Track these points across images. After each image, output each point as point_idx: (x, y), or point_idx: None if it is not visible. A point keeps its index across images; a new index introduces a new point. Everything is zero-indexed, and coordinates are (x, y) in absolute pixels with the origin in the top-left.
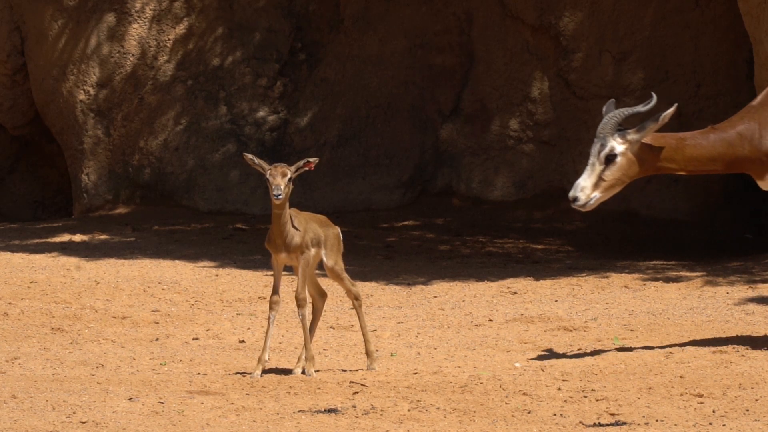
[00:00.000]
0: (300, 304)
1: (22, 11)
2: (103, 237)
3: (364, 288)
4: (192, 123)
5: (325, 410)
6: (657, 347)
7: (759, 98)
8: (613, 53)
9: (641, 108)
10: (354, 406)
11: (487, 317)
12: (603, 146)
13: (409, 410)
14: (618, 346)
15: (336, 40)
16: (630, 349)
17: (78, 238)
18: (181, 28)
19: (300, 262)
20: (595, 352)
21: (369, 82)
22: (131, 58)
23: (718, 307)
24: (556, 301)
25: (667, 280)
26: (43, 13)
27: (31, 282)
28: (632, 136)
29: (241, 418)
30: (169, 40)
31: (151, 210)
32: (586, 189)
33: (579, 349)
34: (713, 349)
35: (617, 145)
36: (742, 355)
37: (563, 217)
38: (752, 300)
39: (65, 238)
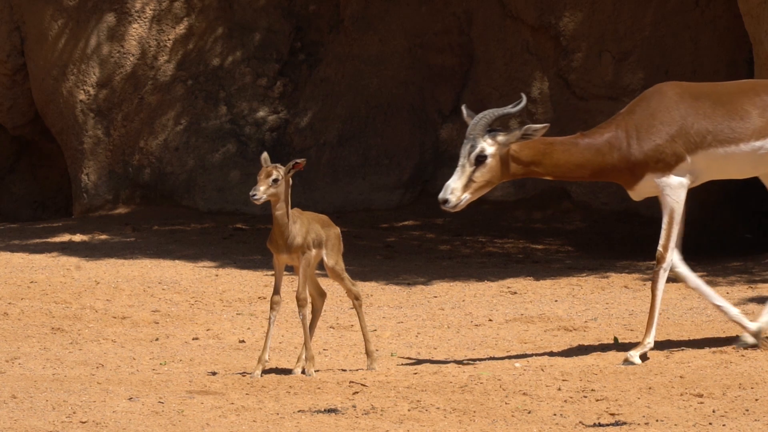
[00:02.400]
0: (301, 304)
1: (22, 11)
2: (103, 237)
3: (364, 288)
4: (192, 123)
5: (325, 410)
6: (657, 347)
7: (627, 106)
8: (613, 53)
9: (511, 109)
10: (354, 406)
11: (487, 317)
12: (473, 147)
13: (409, 410)
14: (618, 346)
15: (336, 40)
16: (630, 349)
17: (78, 238)
18: (181, 28)
19: (301, 262)
20: (595, 352)
21: (369, 82)
22: (131, 58)
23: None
24: (556, 301)
25: (667, 280)
26: (43, 13)
27: (31, 282)
28: (503, 137)
29: (241, 418)
30: (169, 40)
31: (151, 210)
32: (456, 191)
33: (579, 349)
34: (713, 349)
35: (487, 146)
36: (742, 355)
37: (563, 217)
38: (752, 300)
39: (65, 238)
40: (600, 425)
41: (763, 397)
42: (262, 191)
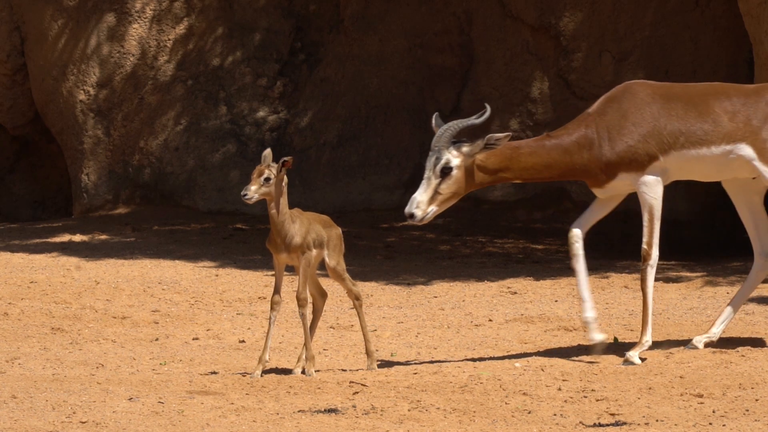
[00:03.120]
0: (301, 303)
1: (22, 11)
2: (103, 237)
3: (364, 288)
4: (192, 123)
5: (325, 410)
6: (657, 347)
7: (595, 106)
8: (613, 53)
9: (475, 120)
10: (354, 406)
11: (487, 317)
12: (438, 159)
13: (409, 410)
14: (618, 346)
15: (336, 40)
16: (630, 349)
17: (78, 238)
18: (181, 28)
19: (301, 262)
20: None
21: (369, 82)
22: (131, 58)
23: (718, 307)
24: (556, 301)
25: (667, 280)
26: (43, 13)
27: (31, 282)
28: (468, 148)
29: (241, 418)
30: (169, 40)
31: (151, 210)
32: (422, 204)
33: (579, 349)
34: (713, 349)
35: (453, 158)
36: (742, 355)
37: (563, 217)
38: (752, 300)
39: (65, 238)
40: (600, 425)
41: (764, 397)
42: (253, 191)
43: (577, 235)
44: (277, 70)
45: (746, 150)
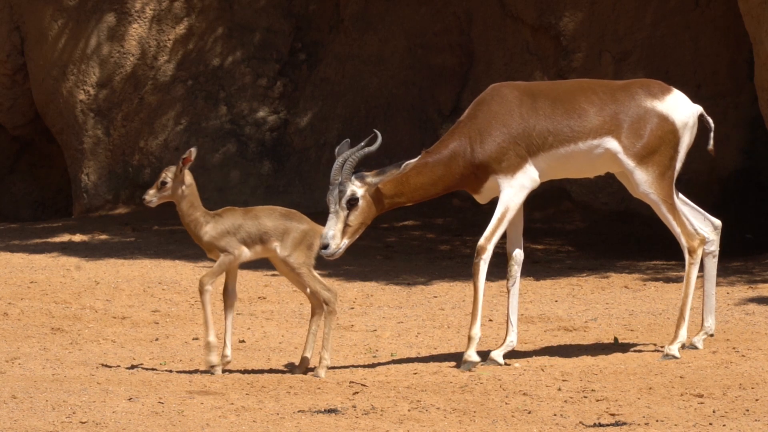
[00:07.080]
0: (200, 288)
1: (22, 11)
2: (103, 237)
3: (363, 288)
4: (192, 123)
5: (325, 410)
6: (657, 347)
7: (466, 112)
8: (613, 53)
9: (370, 148)
10: (354, 406)
11: (487, 317)
12: (342, 192)
13: (409, 410)
14: (618, 346)
15: (336, 40)
16: (630, 349)
17: (78, 238)
18: (181, 28)
19: (219, 257)
20: (595, 352)
21: (369, 82)
22: (131, 58)
23: (718, 307)
24: (556, 301)
25: (667, 280)
26: (43, 13)
27: (31, 282)
28: (371, 179)
29: (241, 418)
30: (169, 40)
31: (151, 210)
32: (336, 237)
33: (579, 349)
34: (713, 349)
35: (357, 189)
36: (742, 355)
37: (563, 217)
38: (752, 300)
39: (65, 238)
40: (600, 425)
41: (764, 397)
42: (150, 194)
43: (518, 256)
44: (277, 70)
45: (612, 143)
